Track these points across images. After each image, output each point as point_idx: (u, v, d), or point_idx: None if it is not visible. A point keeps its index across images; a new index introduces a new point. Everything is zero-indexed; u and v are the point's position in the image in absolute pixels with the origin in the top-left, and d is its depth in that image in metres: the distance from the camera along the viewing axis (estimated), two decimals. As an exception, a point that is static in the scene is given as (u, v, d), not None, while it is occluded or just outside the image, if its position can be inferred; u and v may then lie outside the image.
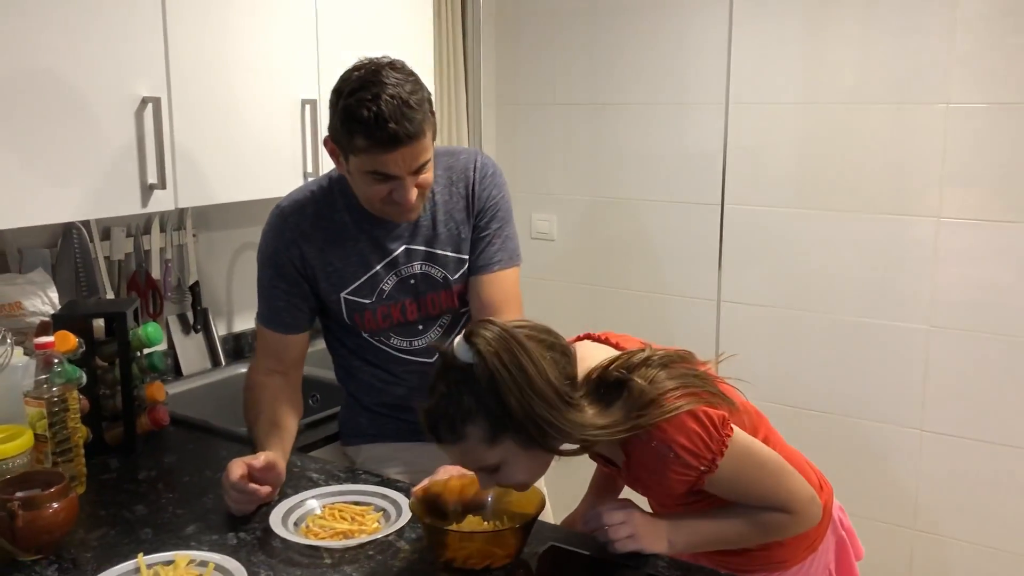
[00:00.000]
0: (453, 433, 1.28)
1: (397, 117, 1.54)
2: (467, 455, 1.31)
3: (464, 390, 1.26)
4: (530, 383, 1.23)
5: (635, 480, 1.42)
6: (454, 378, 1.27)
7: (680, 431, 1.28)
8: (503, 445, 1.28)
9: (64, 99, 1.79)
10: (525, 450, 1.29)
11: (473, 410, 1.26)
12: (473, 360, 1.25)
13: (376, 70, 1.58)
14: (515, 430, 1.26)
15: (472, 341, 1.25)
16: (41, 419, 1.56)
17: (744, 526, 1.41)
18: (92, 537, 1.49)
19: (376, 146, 1.56)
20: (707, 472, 1.32)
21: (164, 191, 1.98)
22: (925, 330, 2.69)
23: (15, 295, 1.93)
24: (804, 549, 1.51)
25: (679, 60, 2.98)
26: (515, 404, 1.23)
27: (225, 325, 2.63)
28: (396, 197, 1.63)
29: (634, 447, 1.33)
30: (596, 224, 3.27)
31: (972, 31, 2.51)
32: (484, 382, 1.24)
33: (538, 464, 1.34)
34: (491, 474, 1.33)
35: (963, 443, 2.68)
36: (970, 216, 2.59)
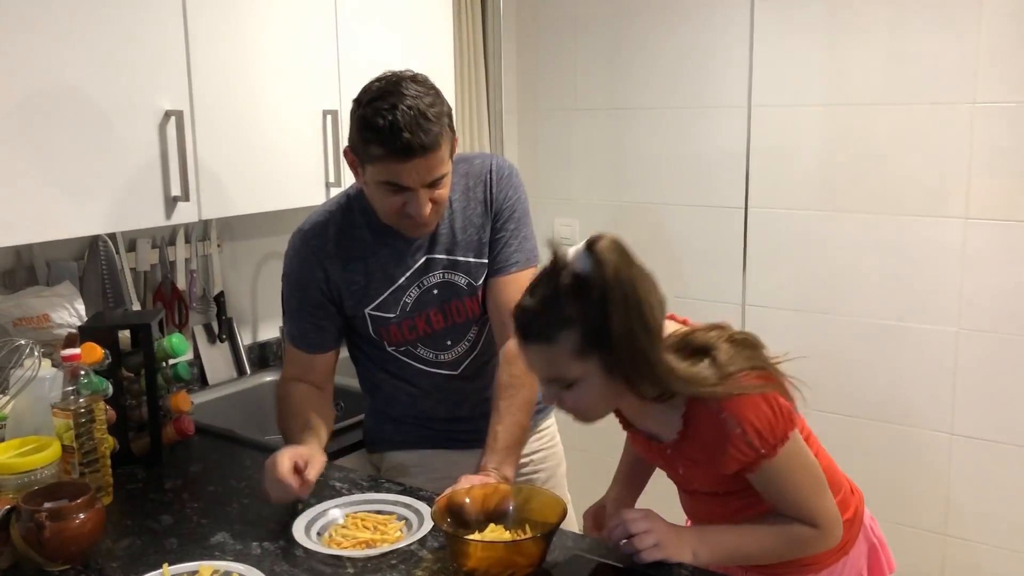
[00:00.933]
0: (544, 335, 1.28)
1: (412, 127, 1.54)
2: (550, 361, 1.31)
3: (569, 296, 1.26)
4: (639, 308, 1.25)
5: (683, 455, 1.41)
6: (562, 282, 1.27)
7: (752, 410, 1.30)
8: (589, 362, 1.28)
9: (88, 113, 1.82)
10: (607, 376, 1.29)
11: (573, 318, 1.26)
12: (589, 269, 1.25)
13: (397, 81, 1.59)
14: (608, 351, 1.26)
15: (595, 251, 1.26)
16: (68, 430, 1.58)
17: (768, 539, 1.41)
18: (118, 547, 1.50)
19: (390, 155, 1.56)
20: (765, 457, 1.32)
21: (188, 203, 2.00)
22: (954, 332, 2.65)
23: (43, 308, 1.96)
24: (835, 551, 1.49)
25: (700, 63, 2.97)
26: (619, 323, 1.24)
27: (250, 334, 2.65)
28: (409, 210, 1.63)
29: (698, 417, 1.34)
30: (619, 228, 3.22)
31: (998, 30, 2.47)
32: (595, 293, 1.25)
33: (609, 398, 1.35)
34: (562, 390, 1.33)
35: (994, 446, 2.64)
36: (998, 216, 2.55)
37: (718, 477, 1.41)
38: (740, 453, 1.32)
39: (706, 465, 1.40)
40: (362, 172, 1.65)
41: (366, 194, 1.71)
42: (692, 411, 1.35)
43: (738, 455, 1.33)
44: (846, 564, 1.52)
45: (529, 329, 1.31)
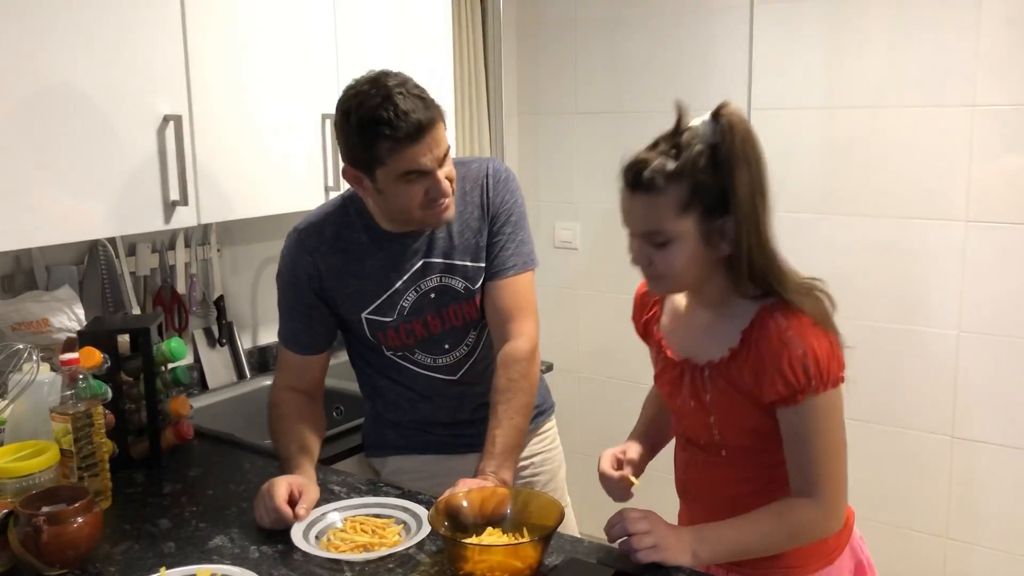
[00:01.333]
0: (652, 184, 1.31)
1: (415, 107, 1.56)
2: (653, 213, 1.33)
3: (689, 153, 1.30)
4: (762, 180, 1.32)
5: (724, 376, 1.40)
6: (683, 140, 1.32)
7: (817, 339, 1.33)
8: (689, 221, 1.31)
9: (88, 117, 1.82)
10: (701, 240, 1.33)
11: (685, 172, 1.30)
12: (717, 133, 1.30)
13: (374, 80, 1.60)
14: (711, 212, 1.31)
15: (723, 115, 1.31)
16: (67, 434, 1.58)
17: (768, 526, 1.40)
18: (116, 551, 1.50)
19: (403, 141, 1.56)
20: (812, 390, 1.32)
21: (187, 207, 2.00)
22: (955, 335, 2.65)
23: (42, 312, 1.96)
24: (819, 559, 1.49)
25: (700, 66, 2.97)
26: (744, 190, 1.29)
27: (250, 338, 2.65)
28: (433, 194, 1.63)
29: (762, 332, 1.35)
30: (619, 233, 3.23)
31: (997, 32, 2.48)
32: (720, 154, 1.30)
33: (697, 269, 1.36)
34: (654, 248, 1.36)
35: (995, 449, 2.64)
36: (998, 219, 2.55)
37: (744, 411, 1.39)
38: (793, 375, 1.32)
39: (745, 391, 1.38)
40: (371, 182, 1.64)
41: (376, 204, 1.70)
42: (756, 325, 1.36)
43: (791, 377, 1.32)
44: (829, 573, 1.50)
45: (638, 177, 1.33)
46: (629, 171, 1.35)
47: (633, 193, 1.35)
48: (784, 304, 1.36)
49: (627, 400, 3.32)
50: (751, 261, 1.34)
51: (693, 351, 1.47)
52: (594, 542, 1.50)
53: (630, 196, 1.36)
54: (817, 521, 1.40)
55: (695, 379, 1.45)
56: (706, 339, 1.44)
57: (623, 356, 3.33)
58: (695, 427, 1.50)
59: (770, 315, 1.36)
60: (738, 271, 1.36)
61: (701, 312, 1.47)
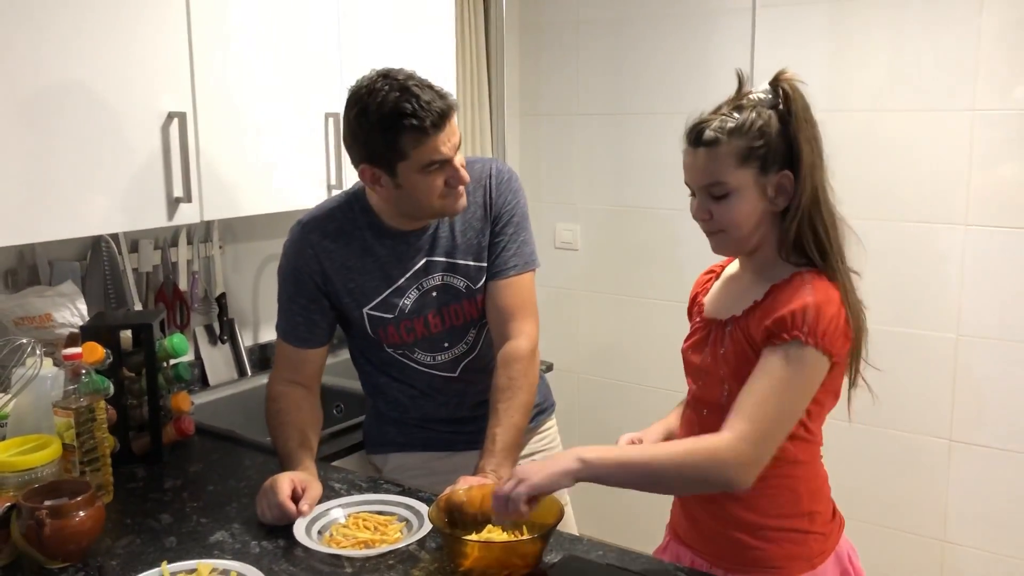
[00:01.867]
0: (714, 139, 1.39)
1: (433, 96, 1.59)
2: (711, 164, 1.40)
3: (747, 111, 1.40)
4: (818, 137, 1.42)
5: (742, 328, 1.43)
6: (747, 101, 1.42)
7: (829, 307, 1.36)
8: (747, 173, 1.39)
9: (92, 114, 1.83)
10: (758, 192, 1.40)
11: (744, 128, 1.39)
12: (779, 94, 1.42)
13: (383, 75, 1.62)
14: (768, 165, 1.39)
15: (782, 81, 1.43)
16: (69, 429, 1.59)
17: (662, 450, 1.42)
18: (118, 545, 1.51)
19: (428, 131, 1.59)
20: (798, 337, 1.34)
21: (190, 204, 2.01)
22: (953, 339, 2.66)
23: (45, 307, 1.97)
24: (802, 562, 1.47)
25: (702, 69, 2.98)
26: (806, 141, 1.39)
27: (251, 336, 2.66)
28: (452, 182, 1.66)
29: (786, 287, 1.39)
30: (620, 233, 3.27)
31: (997, 37, 2.49)
32: (783, 113, 1.40)
33: (754, 221, 1.42)
34: (713, 200, 1.42)
35: (993, 453, 2.64)
36: (998, 223, 2.56)
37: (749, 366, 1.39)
38: (791, 315, 1.35)
39: (754, 343, 1.41)
40: (391, 178, 1.65)
41: (391, 200, 1.70)
42: (785, 283, 1.41)
43: (788, 316, 1.35)
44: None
45: (700, 132, 1.41)
46: (693, 130, 1.43)
47: (696, 149, 1.42)
48: (819, 272, 1.41)
49: (627, 400, 3.35)
50: (811, 220, 1.41)
51: (722, 310, 1.52)
52: (593, 540, 1.50)
53: (693, 152, 1.43)
54: (715, 454, 1.33)
55: (716, 335, 1.49)
56: (739, 298, 1.49)
57: (623, 356, 3.34)
58: (709, 385, 1.49)
59: (803, 276, 1.41)
60: (787, 228, 1.42)
61: (744, 279, 1.52)
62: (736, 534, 1.48)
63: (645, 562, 1.44)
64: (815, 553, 1.48)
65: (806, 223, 1.42)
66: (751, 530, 1.47)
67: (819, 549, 1.49)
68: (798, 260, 1.44)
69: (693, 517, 1.55)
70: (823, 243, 1.43)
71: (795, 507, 1.48)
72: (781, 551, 1.47)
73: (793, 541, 1.47)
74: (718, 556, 1.51)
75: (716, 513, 1.50)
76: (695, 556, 1.54)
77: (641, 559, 1.44)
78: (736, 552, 1.49)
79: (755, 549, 1.47)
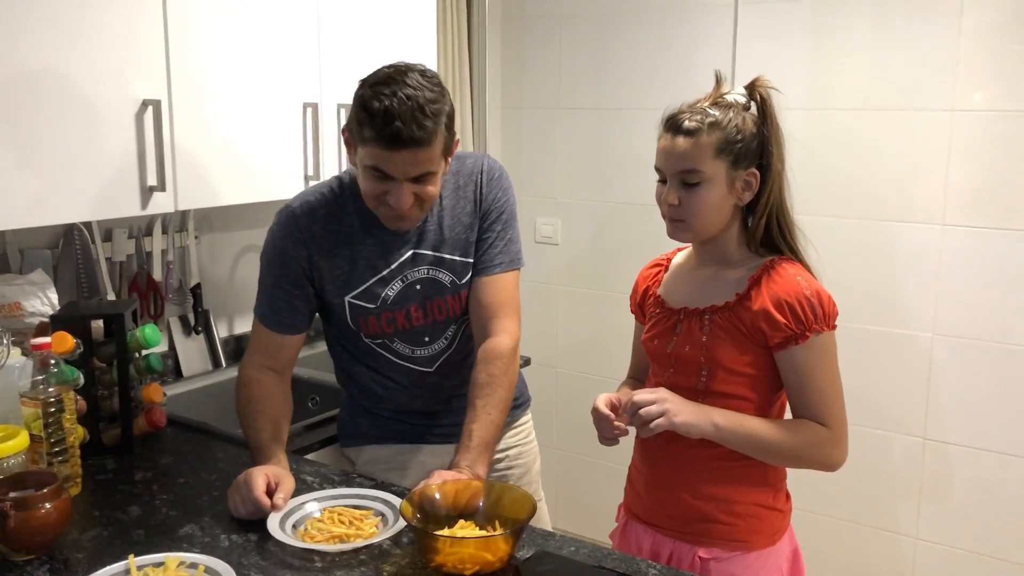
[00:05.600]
0: (695, 127, 1.49)
1: (406, 118, 1.53)
2: (688, 152, 1.49)
3: (726, 109, 1.51)
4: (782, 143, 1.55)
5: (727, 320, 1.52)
6: (725, 99, 1.53)
7: (820, 288, 1.51)
8: (720, 164, 1.49)
9: (66, 101, 1.80)
10: (727, 185, 1.51)
11: (722, 123, 1.49)
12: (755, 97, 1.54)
13: (404, 71, 1.59)
14: (740, 161, 1.50)
15: (756, 87, 1.55)
16: (36, 419, 1.57)
17: (784, 432, 1.50)
18: (85, 538, 1.49)
19: (378, 141, 1.55)
20: (816, 329, 1.47)
21: (164, 193, 1.99)
22: (929, 337, 2.67)
23: (15, 296, 1.94)
24: (764, 538, 1.57)
25: (684, 65, 2.98)
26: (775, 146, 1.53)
27: (226, 327, 2.63)
28: (389, 200, 1.62)
29: (771, 277, 1.51)
30: (600, 229, 3.27)
31: (978, 39, 2.50)
32: (757, 115, 1.53)
33: (720, 212, 1.53)
34: (685, 188, 1.51)
35: (966, 451, 2.66)
36: (975, 223, 2.57)
37: (738, 352, 1.51)
38: (802, 311, 1.47)
39: (748, 332, 1.50)
40: (354, 153, 1.64)
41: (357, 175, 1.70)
42: (765, 272, 1.52)
43: (800, 313, 1.47)
44: (771, 554, 1.57)
45: (679, 122, 1.51)
46: (672, 118, 1.53)
47: (675, 136, 1.51)
48: (789, 259, 1.55)
49: (604, 396, 3.34)
50: (777, 215, 1.54)
51: (692, 300, 1.59)
52: (566, 535, 1.50)
53: (672, 139, 1.52)
54: (827, 443, 1.50)
55: (692, 324, 1.56)
56: (708, 288, 1.58)
57: (601, 351, 3.34)
58: (683, 372, 1.56)
59: (779, 264, 1.53)
60: (756, 223, 1.55)
61: (704, 268, 1.61)
62: (706, 508, 1.56)
63: (617, 558, 1.43)
64: (775, 529, 1.59)
65: (775, 216, 1.55)
66: (721, 504, 1.55)
67: (779, 526, 1.59)
68: (762, 251, 1.56)
69: (659, 496, 1.61)
70: (788, 233, 1.56)
71: (763, 483, 1.57)
72: (748, 526, 1.56)
73: (759, 517, 1.57)
74: (685, 532, 1.58)
75: (687, 488, 1.57)
76: (656, 533, 1.61)
77: (613, 555, 1.44)
78: (703, 526, 1.56)
79: (723, 523, 1.56)
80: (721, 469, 1.55)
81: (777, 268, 1.52)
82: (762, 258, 1.56)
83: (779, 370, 1.53)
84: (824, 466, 1.53)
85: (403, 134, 1.53)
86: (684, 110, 1.53)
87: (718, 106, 1.52)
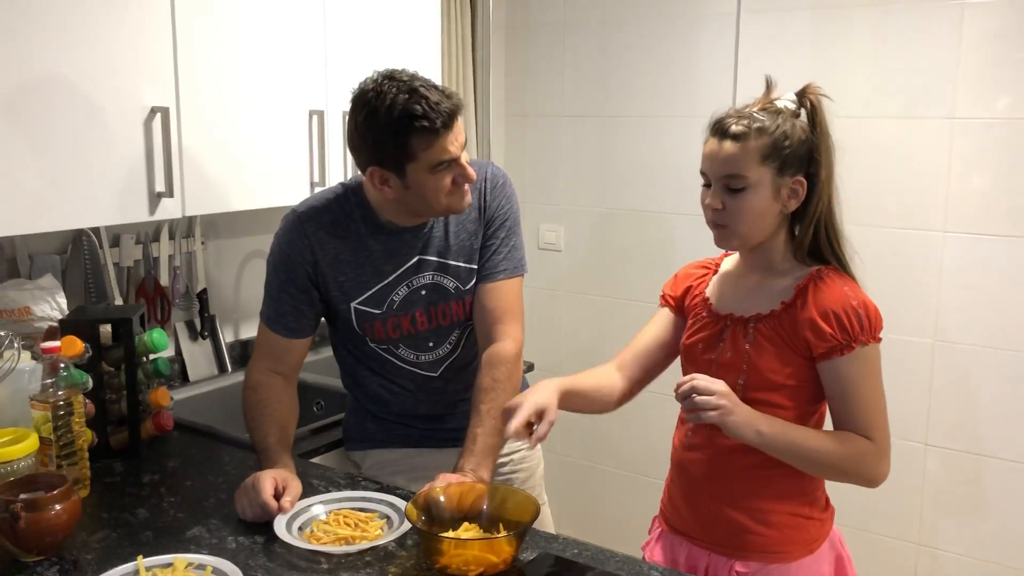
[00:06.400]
0: (742, 132, 1.46)
1: (440, 97, 1.59)
2: (734, 156, 1.47)
3: (775, 115, 1.49)
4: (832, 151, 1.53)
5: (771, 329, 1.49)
6: (774, 105, 1.51)
7: (867, 301, 1.48)
8: (766, 171, 1.47)
9: (75, 108, 1.82)
10: (772, 191, 1.48)
11: (770, 129, 1.47)
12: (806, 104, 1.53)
13: (388, 76, 1.61)
14: (786, 168, 1.47)
15: (807, 94, 1.54)
16: (46, 422, 1.59)
17: (829, 442, 1.47)
18: (94, 539, 1.51)
19: (439, 131, 1.59)
20: (862, 342, 1.45)
21: (172, 199, 2.01)
22: (930, 344, 2.69)
23: (24, 300, 1.96)
24: (802, 548, 1.54)
25: (686, 73, 3.00)
26: (826, 154, 1.51)
27: (232, 332, 2.65)
28: (459, 180, 1.66)
29: (818, 287, 1.48)
30: (603, 235, 3.28)
31: (978, 46, 2.51)
32: (807, 122, 1.51)
33: (764, 219, 1.50)
34: (728, 192, 1.48)
35: (967, 457, 2.67)
36: (976, 230, 2.59)
37: (781, 363, 1.48)
38: (849, 323, 1.44)
39: (791, 342, 1.48)
40: (400, 179, 1.65)
41: (395, 199, 1.70)
42: (812, 281, 1.50)
43: (847, 324, 1.44)
44: (811, 563, 1.55)
45: (727, 125, 1.48)
46: (719, 122, 1.51)
47: (722, 140, 1.49)
48: (835, 269, 1.52)
49: (607, 402, 3.35)
50: (825, 224, 1.52)
51: (738, 307, 1.57)
52: (569, 538, 1.51)
53: (718, 143, 1.49)
54: (870, 456, 1.47)
55: (737, 331, 1.54)
56: (754, 296, 1.56)
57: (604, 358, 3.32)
58: (724, 378, 1.49)
59: (826, 274, 1.51)
60: (804, 232, 1.52)
61: (750, 275, 1.59)
62: (742, 519, 1.53)
63: (620, 560, 1.45)
64: (813, 538, 1.55)
65: (823, 226, 1.52)
66: (757, 515, 1.53)
67: (816, 534, 1.56)
68: (809, 260, 1.54)
69: (695, 506, 1.59)
70: (835, 243, 1.54)
71: (799, 492, 1.54)
72: (783, 536, 1.53)
73: (795, 527, 1.54)
74: (719, 543, 1.55)
75: (724, 500, 1.55)
76: (692, 544, 1.59)
77: (616, 557, 1.46)
78: (740, 538, 1.54)
79: (758, 534, 1.53)
80: (759, 479, 1.52)
81: (824, 278, 1.49)
82: (808, 268, 1.53)
83: (822, 381, 1.50)
84: (866, 480, 1.49)
85: (450, 109, 1.60)
86: (731, 114, 1.50)
87: (767, 111, 1.50)
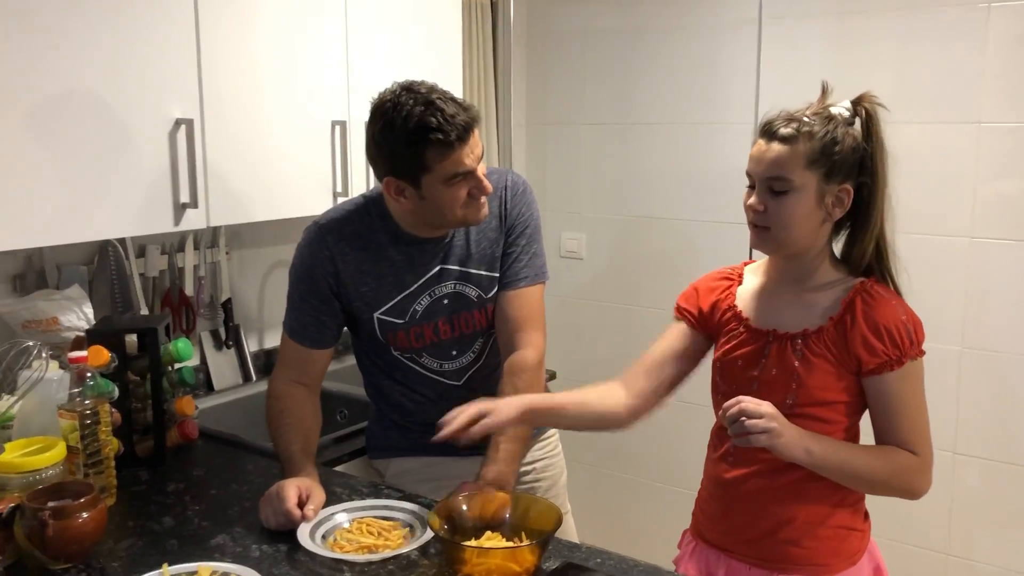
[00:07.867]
0: (791, 135, 1.44)
1: (456, 110, 1.60)
2: (780, 158, 1.44)
3: (827, 121, 1.46)
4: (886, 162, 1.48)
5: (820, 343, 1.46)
6: (829, 111, 1.48)
7: (913, 315, 1.48)
8: (812, 176, 1.43)
9: (102, 120, 1.85)
10: (816, 198, 1.45)
11: (820, 134, 1.44)
12: (860, 112, 1.49)
13: (406, 88, 1.62)
14: (833, 175, 1.44)
15: (864, 103, 1.51)
16: (74, 431, 1.60)
17: (875, 459, 1.46)
18: (120, 547, 1.52)
19: (454, 144, 1.59)
20: (911, 356, 1.45)
21: (196, 210, 2.03)
22: (958, 351, 2.65)
23: (52, 311, 1.99)
24: (844, 560, 1.52)
25: (708, 79, 2.99)
26: (882, 163, 1.47)
27: (256, 341, 2.67)
28: (475, 192, 1.66)
29: (866, 301, 1.46)
30: (625, 243, 3.28)
31: (1003, 50, 2.49)
32: (862, 130, 1.48)
33: (807, 224, 1.46)
34: (772, 195, 1.45)
35: (997, 466, 2.63)
36: (1003, 236, 2.56)
37: (831, 380, 1.46)
38: (899, 338, 1.43)
39: (843, 358, 1.46)
40: (415, 190, 1.66)
41: (412, 210, 1.71)
42: (859, 295, 1.47)
43: (898, 338, 1.43)
44: (853, 575, 1.53)
45: (775, 127, 1.46)
46: (768, 124, 1.48)
47: (769, 142, 1.46)
48: (877, 281, 1.50)
49: (630, 410, 3.33)
50: (881, 233, 1.50)
51: (780, 323, 1.53)
52: (592, 548, 1.51)
53: (765, 144, 1.47)
54: (916, 471, 1.46)
55: (783, 348, 1.50)
56: (795, 310, 1.52)
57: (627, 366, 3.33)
58: (768, 396, 1.46)
59: (872, 287, 1.48)
60: (864, 245, 1.50)
61: (784, 287, 1.55)
62: (789, 534, 1.51)
63: (643, 569, 1.44)
64: (855, 550, 1.54)
65: (881, 238, 1.51)
66: (805, 529, 1.50)
67: (859, 546, 1.54)
68: (853, 271, 1.52)
69: (737, 521, 1.56)
70: (884, 256, 1.53)
71: (843, 504, 1.52)
72: (827, 548, 1.51)
73: (839, 539, 1.52)
74: (763, 557, 1.52)
75: (770, 515, 1.52)
76: (731, 559, 1.56)
77: (639, 567, 1.45)
78: (785, 551, 1.51)
79: (806, 548, 1.51)
80: (805, 493, 1.50)
81: (871, 292, 1.47)
82: (848, 280, 1.50)
83: (867, 395, 1.48)
84: (909, 494, 1.48)
85: (466, 122, 1.61)
86: (782, 116, 1.48)
87: (819, 116, 1.47)
